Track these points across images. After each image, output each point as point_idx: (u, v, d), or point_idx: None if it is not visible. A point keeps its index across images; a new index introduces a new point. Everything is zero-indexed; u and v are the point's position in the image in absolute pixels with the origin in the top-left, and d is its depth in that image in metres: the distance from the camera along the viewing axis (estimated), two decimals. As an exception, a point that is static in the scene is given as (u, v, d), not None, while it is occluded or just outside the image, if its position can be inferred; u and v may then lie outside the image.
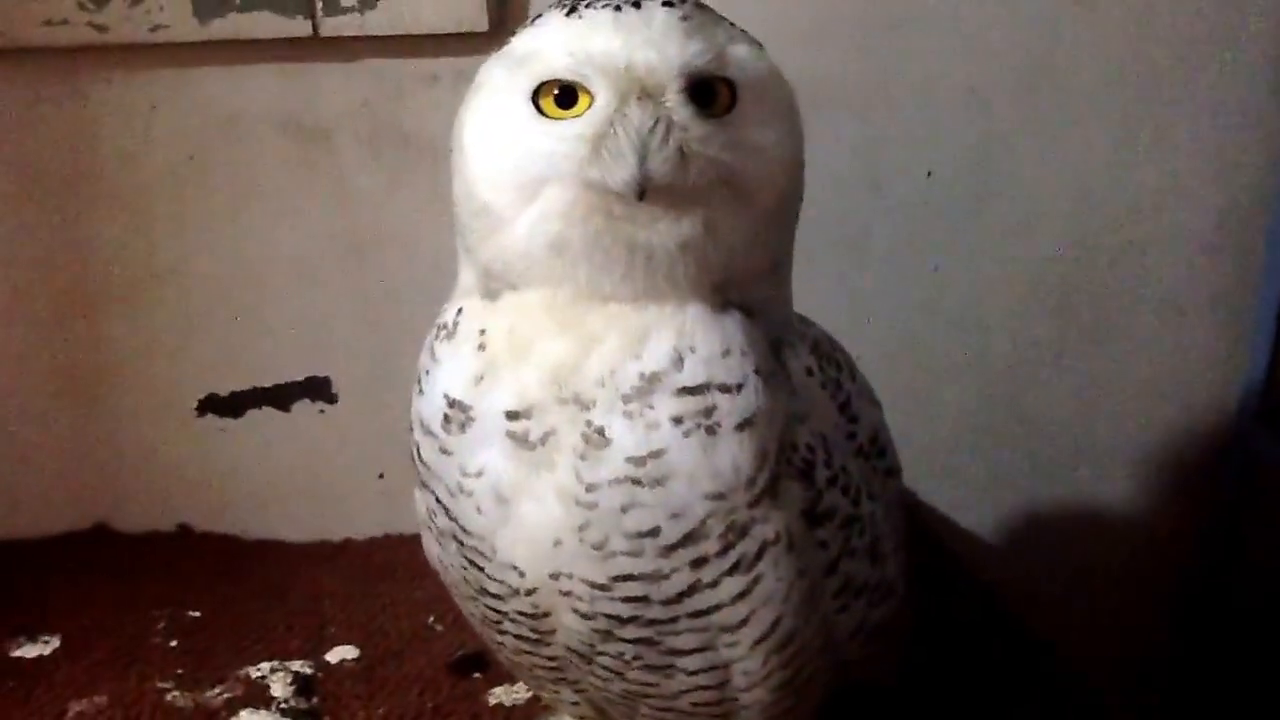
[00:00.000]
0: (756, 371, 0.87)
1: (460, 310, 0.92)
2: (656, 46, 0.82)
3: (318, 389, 1.60)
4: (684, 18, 0.84)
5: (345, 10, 1.46)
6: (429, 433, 0.92)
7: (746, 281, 0.90)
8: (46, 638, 1.40)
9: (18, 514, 1.58)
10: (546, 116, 0.84)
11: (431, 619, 1.43)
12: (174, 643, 1.40)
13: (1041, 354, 1.70)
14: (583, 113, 0.83)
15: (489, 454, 0.89)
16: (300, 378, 1.60)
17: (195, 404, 1.59)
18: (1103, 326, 1.69)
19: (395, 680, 1.33)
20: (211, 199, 1.53)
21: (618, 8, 0.84)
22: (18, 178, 1.48)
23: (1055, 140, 1.61)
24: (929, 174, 1.62)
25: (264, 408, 1.61)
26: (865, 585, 0.98)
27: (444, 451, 0.91)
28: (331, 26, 1.46)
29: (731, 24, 0.89)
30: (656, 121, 0.82)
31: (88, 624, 1.42)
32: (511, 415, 0.87)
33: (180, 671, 1.35)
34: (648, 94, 0.82)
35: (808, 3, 1.55)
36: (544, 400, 0.87)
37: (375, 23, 1.46)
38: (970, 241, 1.65)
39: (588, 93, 0.83)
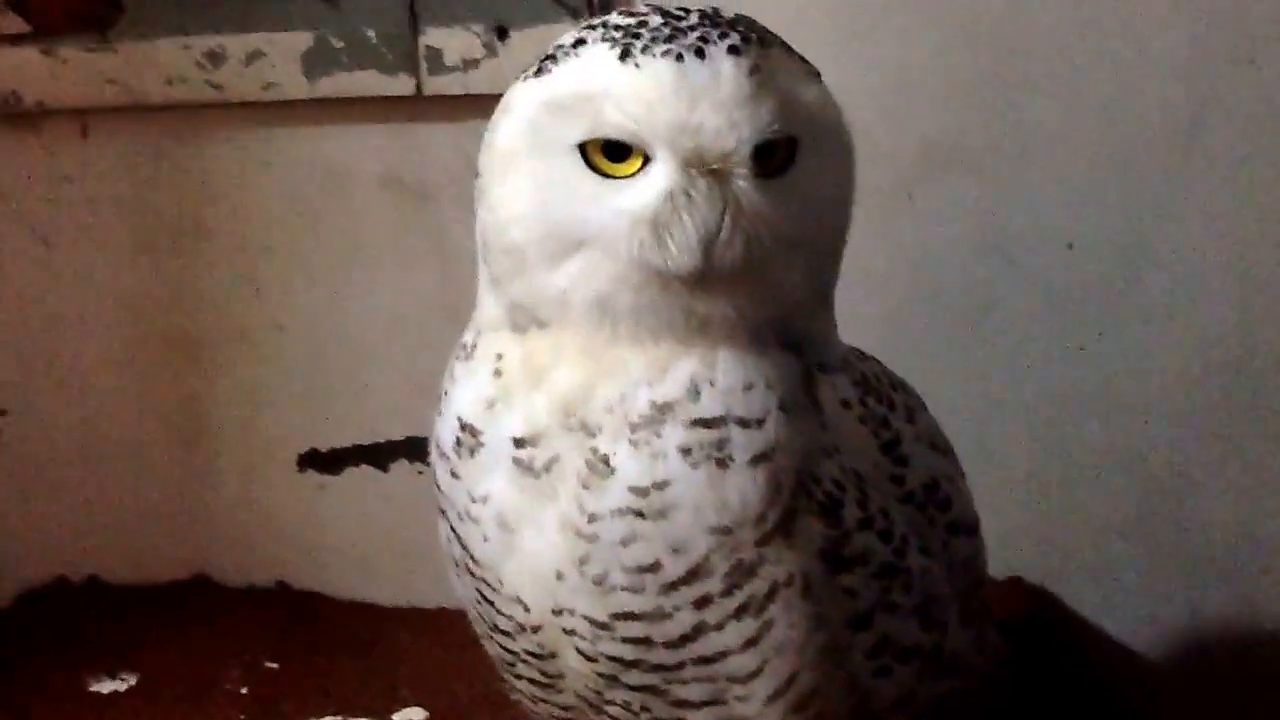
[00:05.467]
0: (781, 407, 0.82)
1: (480, 332, 0.90)
2: (726, 113, 0.77)
3: (416, 449, 1.58)
4: (753, 70, 0.78)
5: (449, 69, 1.47)
6: (443, 455, 0.90)
7: (790, 317, 0.85)
8: (125, 675, 1.44)
9: (124, 561, 1.62)
10: (595, 170, 0.80)
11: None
12: (244, 689, 1.42)
13: (1206, 447, 1.50)
14: (636, 172, 0.79)
15: (495, 480, 0.86)
16: (400, 437, 1.59)
17: (296, 459, 1.61)
18: (1277, 419, 1.49)
19: (454, 743, 1.31)
20: (318, 256, 1.56)
21: (679, 56, 0.77)
22: (135, 229, 1.55)
23: (1213, 210, 1.44)
24: (1070, 245, 1.49)
25: (363, 465, 1.60)
26: (915, 651, 0.90)
27: (454, 475, 0.89)
28: (435, 85, 1.47)
29: (788, 49, 0.82)
30: (724, 208, 0.77)
31: (166, 666, 1.46)
32: (519, 442, 0.84)
33: (242, 716, 1.37)
34: (711, 166, 0.77)
35: (933, 60, 1.45)
36: (551, 427, 0.83)
37: (478, 81, 1.46)
38: (1122, 318, 1.49)
39: (643, 152, 0.79)
